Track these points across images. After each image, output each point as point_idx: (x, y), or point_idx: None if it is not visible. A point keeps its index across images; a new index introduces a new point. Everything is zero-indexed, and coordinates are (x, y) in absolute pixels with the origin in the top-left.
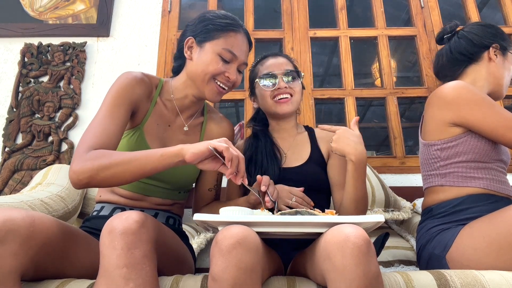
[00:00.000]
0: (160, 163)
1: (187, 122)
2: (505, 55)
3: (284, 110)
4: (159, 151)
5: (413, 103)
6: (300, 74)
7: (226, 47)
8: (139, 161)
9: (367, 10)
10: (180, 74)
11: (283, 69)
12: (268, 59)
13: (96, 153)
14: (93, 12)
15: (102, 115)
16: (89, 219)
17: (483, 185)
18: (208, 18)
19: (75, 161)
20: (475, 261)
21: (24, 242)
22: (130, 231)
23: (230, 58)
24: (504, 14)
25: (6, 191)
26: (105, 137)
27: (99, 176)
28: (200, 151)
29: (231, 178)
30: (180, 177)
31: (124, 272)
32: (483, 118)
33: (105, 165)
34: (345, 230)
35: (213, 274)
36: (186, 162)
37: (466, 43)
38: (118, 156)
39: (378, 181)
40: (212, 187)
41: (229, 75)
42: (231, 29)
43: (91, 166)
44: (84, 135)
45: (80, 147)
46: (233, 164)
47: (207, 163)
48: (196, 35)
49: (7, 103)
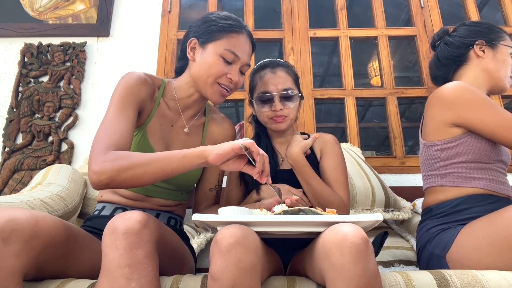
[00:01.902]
0: (182, 164)
1: (188, 123)
2: (495, 48)
3: (279, 128)
4: (181, 153)
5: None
6: (298, 92)
7: (228, 48)
8: (161, 162)
9: (367, 10)
10: (183, 74)
11: (280, 89)
12: (266, 72)
13: (116, 154)
14: (93, 12)
15: (112, 115)
16: (90, 219)
17: (483, 185)
18: (211, 19)
19: (94, 162)
20: (475, 261)
21: (28, 242)
22: (132, 231)
23: (232, 59)
24: (504, 14)
25: (6, 191)
26: (119, 136)
27: (120, 177)
28: (225, 151)
29: (256, 177)
30: (184, 178)
31: (126, 272)
32: (483, 118)
33: (125, 166)
34: (344, 229)
35: (212, 273)
36: (209, 163)
37: (450, 47)
38: (138, 157)
39: (378, 181)
40: (213, 187)
41: (231, 77)
42: (233, 30)
43: (111, 167)
44: (98, 136)
45: (96, 148)
46: (260, 161)
47: (230, 164)
48: (199, 36)
49: (7, 103)
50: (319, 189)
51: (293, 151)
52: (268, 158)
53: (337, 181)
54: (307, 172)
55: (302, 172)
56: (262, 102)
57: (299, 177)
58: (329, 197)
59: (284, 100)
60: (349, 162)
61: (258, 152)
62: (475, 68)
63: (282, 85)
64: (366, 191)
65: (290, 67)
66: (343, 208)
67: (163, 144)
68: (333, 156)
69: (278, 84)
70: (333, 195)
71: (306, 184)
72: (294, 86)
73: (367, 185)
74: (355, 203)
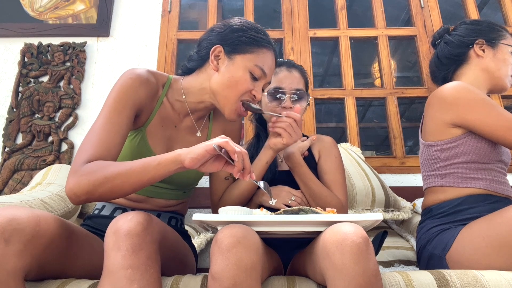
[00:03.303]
0: (158, 172)
1: (198, 124)
2: (495, 47)
3: None
4: (156, 160)
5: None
6: (307, 95)
7: (258, 64)
8: (136, 172)
9: (367, 10)
10: (196, 77)
11: (294, 88)
12: (282, 69)
13: (91, 167)
14: (93, 12)
15: (100, 123)
16: (90, 218)
17: (483, 185)
18: (241, 29)
19: (70, 177)
20: (475, 261)
21: (29, 242)
22: (135, 232)
23: (260, 76)
24: (504, 14)
25: (6, 191)
26: (103, 149)
27: (97, 192)
28: (199, 154)
29: (239, 176)
30: (186, 177)
31: (129, 273)
32: (483, 118)
33: (101, 180)
34: (344, 228)
35: (212, 272)
36: (186, 168)
37: (450, 46)
38: (114, 169)
39: (378, 181)
40: (229, 175)
41: (255, 93)
42: (264, 46)
43: (87, 182)
44: (81, 146)
45: (76, 160)
46: (239, 159)
47: (209, 165)
48: (226, 44)
49: (7, 103)
50: (317, 190)
51: (290, 152)
52: (247, 154)
53: (335, 183)
54: (305, 173)
55: (300, 173)
56: (274, 97)
57: (296, 178)
58: (327, 198)
59: (294, 99)
60: (349, 162)
61: (234, 150)
62: (475, 67)
63: (295, 85)
64: (366, 191)
65: (304, 71)
66: (341, 209)
67: (164, 145)
68: (331, 158)
69: (292, 83)
70: (331, 196)
71: (304, 185)
72: (305, 89)
73: (367, 185)
74: (355, 203)
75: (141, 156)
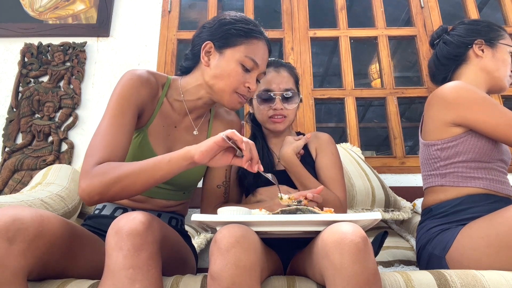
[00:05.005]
0: (170, 168)
1: (196, 123)
2: (494, 47)
3: (277, 128)
4: (167, 157)
5: (413, 103)
6: (298, 94)
7: (249, 55)
8: (148, 170)
9: (367, 10)
10: (192, 75)
11: (282, 89)
12: (269, 71)
13: (102, 168)
14: (93, 12)
15: (106, 124)
16: (90, 217)
17: (483, 185)
18: (229, 22)
19: (83, 179)
20: (475, 261)
21: (33, 242)
22: (136, 232)
23: (252, 67)
24: (504, 14)
25: (6, 191)
26: (112, 149)
27: (110, 191)
28: (208, 146)
29: (247, 167)
30: (186, 178)
31: (130, 273)
32: (485, 117)
33: (114, 180)
34: (343, 228)
35: (212, 272)
36: (197, 163)
37: (449, 46)
38: (126, 168)
39: (378, 181)
40: (221, 183)
41: (249, 85)
42: (254, 36)
43: (99, 183)
44: (90, 148)
45: (87, 162)
46: (247, 148)
47: (218, 159)
48: (215, 39)
49: (7, 103)
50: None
51: (284, 152)
52: (254, 145)
53: (333, 180)
54: (301, 173)
55: (295, 173)
56: (263, 100)
57: (292, 178)
58: (325, 196)
59: (285, 100)
60: (349, 162)
61: (241, 140)
62: (475, 67)
63: (284, 85)
64: (366, 191)
65: (292, 68)
66: (340, 207)
67: (165, 146)
68: (328, 155)
69: (280, 83)
70: (329, 194)
71: (300, 184)
72: (295, 87)
73: (367, 185)
74: (355, 203)
75: (143, 156)
